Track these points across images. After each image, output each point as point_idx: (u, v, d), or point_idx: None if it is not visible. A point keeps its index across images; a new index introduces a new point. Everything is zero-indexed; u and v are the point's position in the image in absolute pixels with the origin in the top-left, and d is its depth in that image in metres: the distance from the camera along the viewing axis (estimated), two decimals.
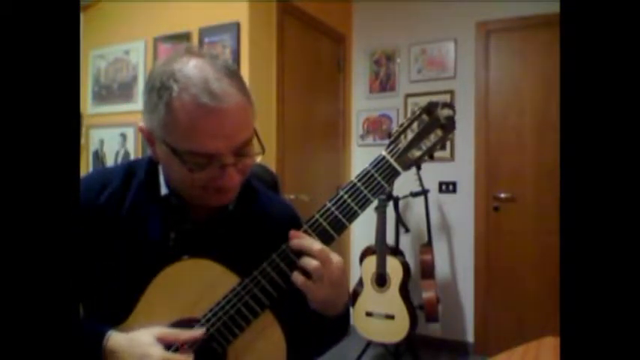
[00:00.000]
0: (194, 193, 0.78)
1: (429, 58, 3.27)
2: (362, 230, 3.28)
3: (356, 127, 3.52)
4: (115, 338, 0.73)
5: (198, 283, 0.77)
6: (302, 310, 0.79)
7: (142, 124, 0.79)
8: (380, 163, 0.79)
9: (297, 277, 0.75)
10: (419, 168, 2.78)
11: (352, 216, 0.78)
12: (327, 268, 0.74)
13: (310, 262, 0.74)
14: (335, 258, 0.76)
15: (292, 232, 0.77)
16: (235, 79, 0.74)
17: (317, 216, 0.77)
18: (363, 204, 0.78)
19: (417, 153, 0.80)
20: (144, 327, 0.75)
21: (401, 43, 3.36)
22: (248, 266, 0.77)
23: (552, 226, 2.90)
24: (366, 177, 0.78)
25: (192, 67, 0.72)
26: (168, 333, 0.73)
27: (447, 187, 3.22)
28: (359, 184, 0.78)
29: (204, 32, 2.52)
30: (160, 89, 0.72)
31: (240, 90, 0.74)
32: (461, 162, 3.17)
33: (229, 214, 0.86)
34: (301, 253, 0.76)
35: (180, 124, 0.71)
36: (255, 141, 0.78)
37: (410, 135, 0.80)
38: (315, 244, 0.75)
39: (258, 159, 0.81)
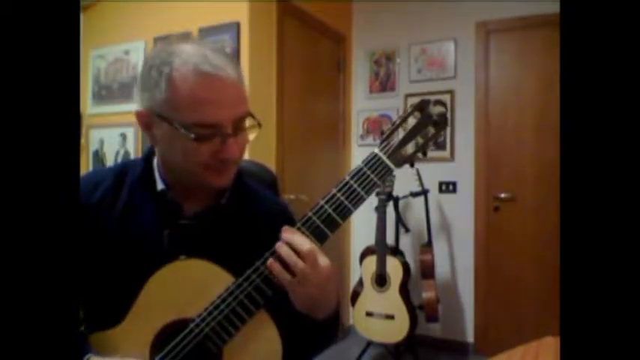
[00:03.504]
0: (195, 172, 0.78)
1: (428, 58, 3.27)
2: (362, 230, 3.28)
3: (356, 127, 3.52)
4: None
5: (193, 283, 0.77)
6: (291, 310, 0.79)
7: (138, 108, 0.80)
8: (372, 161, 0.79)
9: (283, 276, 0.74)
10: (412, 165, 2.76)
11: (346, 214, 0.78)
12: (314, 270, 0.73)
13: (297, 263, 0.73)
14: (323, 261, 0.75)
15: (284, 229, 0.76)
16: (230, 60, 0.78)
17: (310, 214, 0.77)
18: (357, 202, 0.78)
19: (409, 150, 0.81)
20: (140, 328, 0.75)
21: (401, 43, 3.35)
22: (242, 264, 0.77)
23: (552, 226, 2.90)
24: (358, 175, 0.78)
25: (190, 46, 0.77)
26: None
27: (447, 187, 3.22)
28: (352, 181, 0.78)
29: (204, 32, 2.52)
30: (160, 65, 0.76)
31: (236, 69, 0.78)
32: (461, 162, 3.17)
33: (223, 210, 0.86)
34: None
35: (182, 95, 0.74)
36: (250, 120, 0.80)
37: (402, 132, 0.81)
38: (304, 245, 0.73)
39: (252, 137, 0.82)
